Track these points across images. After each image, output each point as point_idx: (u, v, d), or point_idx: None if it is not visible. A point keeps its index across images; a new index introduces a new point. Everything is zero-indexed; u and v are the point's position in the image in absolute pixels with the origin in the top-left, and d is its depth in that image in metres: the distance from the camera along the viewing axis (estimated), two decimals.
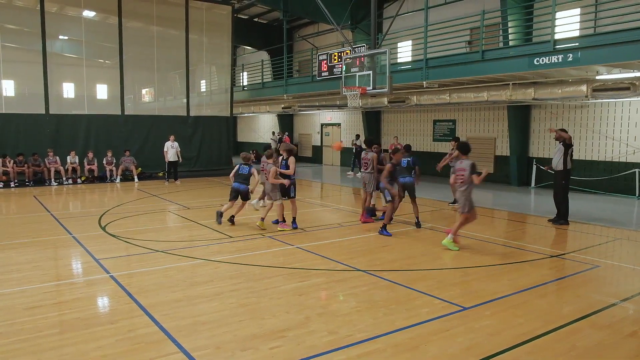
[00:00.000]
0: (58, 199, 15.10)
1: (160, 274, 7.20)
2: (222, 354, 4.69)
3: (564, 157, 10.64)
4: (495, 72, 14.13)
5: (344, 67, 15.31)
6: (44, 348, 4.78)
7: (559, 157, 10.70)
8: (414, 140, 21.81)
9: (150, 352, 4.71)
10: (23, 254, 8.53)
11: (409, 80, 16.37)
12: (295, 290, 6.52)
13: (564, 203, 10.75)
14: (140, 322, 5.41)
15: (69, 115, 19.65)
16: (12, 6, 19.88)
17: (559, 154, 10.72)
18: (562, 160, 10.64)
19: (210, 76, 25.00)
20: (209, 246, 8.93)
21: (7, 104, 18.69)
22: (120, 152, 19.54)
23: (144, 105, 23.84)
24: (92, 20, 21.54)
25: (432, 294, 6.35)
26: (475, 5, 17.66)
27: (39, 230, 10.35)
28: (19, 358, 4.59)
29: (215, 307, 5.88)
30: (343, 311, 5.77)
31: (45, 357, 4.60)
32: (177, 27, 22.07)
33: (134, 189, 17.31)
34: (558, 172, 10.77)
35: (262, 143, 31.18)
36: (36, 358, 4.58)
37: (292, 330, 5.21)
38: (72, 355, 4.63)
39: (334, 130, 27.05)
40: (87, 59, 20.89)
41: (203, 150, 22.52)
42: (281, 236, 9.68)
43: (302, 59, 27.43)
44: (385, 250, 8.70)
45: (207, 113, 23.07)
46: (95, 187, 17.86)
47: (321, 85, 20.33)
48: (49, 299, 6.23)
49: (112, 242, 9.25)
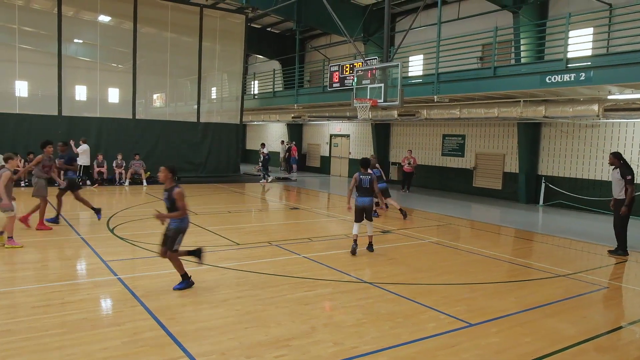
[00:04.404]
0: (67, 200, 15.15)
1: (166, 278, 7.21)
2: None
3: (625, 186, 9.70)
4: (507, 89, 14.14)
5: (355, 78, 15.39)
6: (49, 347, 4.80)
7: (619, 186, 9.75)
8: (423, 154, 21.81)
9: (156, 356, 4.71)
10: (32, 253, 8.59)
11: (420, 94, 16.40)
12: (301, 299, 6.51)
13: (622, 233, 9.92)
14: (146, 325, 5.43)
15: (81, 117, 19.84)
16: (30, 9, 20.17)
17: (618, 182, 9.77)
18: (624, 189, 9.68)
19: (221, 83, 25.17)
20: (215, 252, 8.94)
21: (21, 105, 18.94)
22: (130, 156, 19.67)
23: (154, 110, 24.02)
24: (107, 25, 21.80)
25: (438, 308, 6.32)
26: (487, 22, 17.72)
27: (47, 230, 10.41)
28: (24, 356, 4.61)
29: (221, 314, 5.88)
30: (349, 322, 5.76)
31: (50, 356, 4.62)
32: (190, 34, 22.30)
33: (143, 192, 17.40)
34: (619, 200, 9.80)
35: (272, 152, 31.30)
36: (41, 357, 4.60)
37: (297, 340, 5.20)
38: (77, 356, 4.65)
39: (343, 141, 27.10)
40: (101, 63, 21.15)
41: (211, 156, 22.64)
42: (288, 245, 9.69)
43: (314, 70, 27.58)
44: (391, 263, 8.68)
45: (217, 120, 23.22)
46: (104, 189, 17.95)
47: (332, 96, 20.41)
48: (56, 298, 6.26)
49: (119, 244, 9.29)
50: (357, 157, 25.50)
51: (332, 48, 26.15)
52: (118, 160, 19.37)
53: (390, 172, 23.52)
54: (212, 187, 19.47)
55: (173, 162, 20.75)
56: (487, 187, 19.25)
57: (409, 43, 18.83)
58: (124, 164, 19.44)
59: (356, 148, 25.80)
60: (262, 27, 28.04)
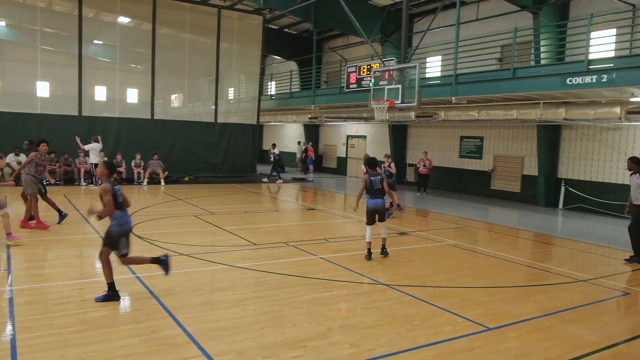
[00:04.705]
0: (87, 199, 15.40)
1: (184, 277, 7.27)
2: None
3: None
4: (526, 91, 13.97)
5: (372, 79, 15.34)
6: (69, 344, 4.87)
7: (638, 192, 9.41)
8: (440, 156, 21.66)
9: (173, 354, 4.75)
10: (53, 250, 8.72)
11: (438, 95, 16.30)
12: (317, 300, 6.50)
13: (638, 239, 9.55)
14: (163, 324, 5.47)
15: (101, 117, 20.11)
16: (51, 11, 20.51)
17: (637, 187, 9.43)
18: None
19: (238, 84, 25.31)
20: (232, 252, 8.99)
21: (42, 105, 19.26)
22: (148, 156, 19.87)
23: (172, 110, 24.25)
24: (127, 26, 22.06)
25: (455, 312, 6.26)
26: (507, 23, 17.54)
27: (68, 228, 10.56)
28: (45, 352, 4.68)
29: (238, 313, 5.90)
30: (365, 324, 5.74)
31: (70, 353, 4.69)
32: (208, 35, 22.46)
33: (160, 192, 17.56)
34: (636, 206, 9.48)
35: (288, 152, 31.38)
36: (62, 353, 4.67)
37: (314, 341, 5.20)
38: (97, 353, 4.70)
39: (359, 142, 27.04)
40: (120, 64, 21.45)
41: (228, 156, 22.78)
42: (304, 246, 9.69)
43: (331, 71, 27.57)
44: (408, 265, 8.63)
45: (234, 120, 23.36)
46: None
47: (349, 97, 20.38)
48: (76, 296, 6.35)
49: (138, 243, 9.37)
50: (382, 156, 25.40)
51: (349, 49, 26.12)
52: (137, 159, 19.59)
53: (406, 173, 23.44)
54: (229, 187, 19.57)
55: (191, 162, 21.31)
56: (506, 189, 19.04)
57: (427, 44, 18.71)
58: (142, 164, 19.65)
59: (373, 149, 25.71)
60: (279, 28, 28.13)
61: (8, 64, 18.74)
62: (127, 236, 6.30)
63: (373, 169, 8.93)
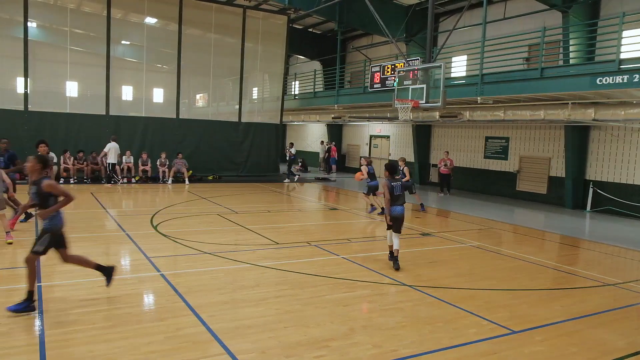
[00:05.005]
0: (113, 197, 15.69)
1: (207, 275, 7.35)
2: (267, 359, 4.72)
3: None
4: (554, 91, 13.71)
5: (396, 79, 15.26)
6: (97, 340, 4.96)
7: None
8: (464, 157, 21.42)
9: (197, 352, 4.80)
10: (80, 248, 8.87)
11: (463, 95, 16.12)
12: (340, 300, 6.50)
13: None
14: (187, 322, 5.53)
15: (127, 116, 20.46)
16: (81, 12, 20.95)
17: None
18: None
19: (262, 84, 25.46)
20: (255, 251, 9.04)
21: (72, 104, 19.71)
22: (173, 155, 20.13)
23: (197, 110, 24.53)
24: (153, 27, 22.39)
25: (479, 314, 6.18)
26: (535, 22, 17.24)
27: (95, 226, 10.78)
28: (73, 348, 4.78)
29: (261, 312, 5.93)
30: (388, 325, 5.71)
31: (98, 348, 4.78)
32: (233, 35, 22.64)
33: (185, 190, 17.77)
34: None
35: (311, 152, 31.43)
36: (90, 349, 4.76)
37: (336, 341, 5.19)
38: (124, 349, 4.78)
39: (383, 142, 26.93)
40: (147, 64, 21.81)
41: (252, 156, 22.93)
42: (327, 246, 9.69)
43: (354, 70, 27.51)
44: (432, 267, 8.56)
45: (258, 120, 23.50)
46: (147, 187, 18.44)
47: (372, 97, 20.31)
48: (103, 292, 6.46)
49: (162, 241, 9.52)
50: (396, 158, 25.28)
51: (373, 48, 26.02)
52: (162, 158, 19.86)
53: (430, 174, 23.26)
54: (252, 187, 19.70)
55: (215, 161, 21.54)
56: (532, 191, 18.71)
57: (453, 43, 18.51)
58: (167, 163, 19.92)
59: (396, 149, 25.57)
60: (303, 28, 28.19)
61: (39, 64, 19.18)
62: (55, 234, 5.94)
63: (393, 175, 8.42)
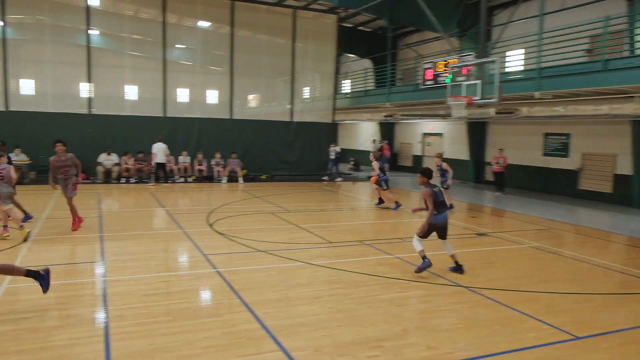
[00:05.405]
0: (170, 196, 16.20)
1: (262, 273, 7.45)
2: (320, 357, 4.74)
3: None
4: (619, 84, 12.99)
5: (449, 76, 14.95)
6: (157, 333, 5.14)
7: None
8: (521, 155, 20.69)
9: (252, 348, 4.88)
10: (140, 244, 9.25)
11: (520, 90, 15.56)
12: (393, 300, 6.43)
13: None
14: (242, 318, 5.64)
15: (183, 118, 21.11)
16: (138, 18, 21.78)
17: None
18: None
19: (313, 83, 25.59)
20: (308, 250, 9.10)
21: (132, 107, 20.56)
22: (227, 155, 20.58)
23: (250, 110, 24.94)
24: (206, 30, 22.99)
25: (540, 318, 5.95)
26: (596, 11, 16.41)
27: (153, 224, 11.17)
28: (135, 340, 4.98)
29: (314, 310, 5.96)
30: (443, 327, 5.60)
31: (158, 341, 4.95)
32: (283, 36, 22.89)
33: (239, 189, 18.13)
34: None
35: (363, 150, 31.32)
36: (150, 341, 4.94)
37: (390, 341, 5.14)
38: (182, 343, 4.93)
39: (435, 140, 26.46)
40: (201, 66, 22.42)
41: (304, 155, 23.10)
42: (380, 245, 9.61)
43: (406, 67, 27.18)
44: (489, 268, 8.32)
45: (309, 119, 23.63)
46: (203, 186, 18.95)
47: (424, 94, 19.97)
48: (162, 288, 6.69)
49: (218, 239, 9.74)
50: (450, 156, 24.79)
51: (424, 45, 25.60)
52: (217, 158, 20.35)
53: (485, 172, 22.65)
54: (305, 185, 19.85)
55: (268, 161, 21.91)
56: (595, 189, 17.84)
57: (508, 37, 17.93)
58: (222, 162, 20.38)
59: (450, 147, 25.06)
60: (353, 26, 28.10)
61: (100, 69, 20.09)
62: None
63: (429, 180, 7.75)
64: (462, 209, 15.13)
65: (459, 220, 12.93)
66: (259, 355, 4.75)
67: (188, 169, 20.07)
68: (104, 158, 18.91)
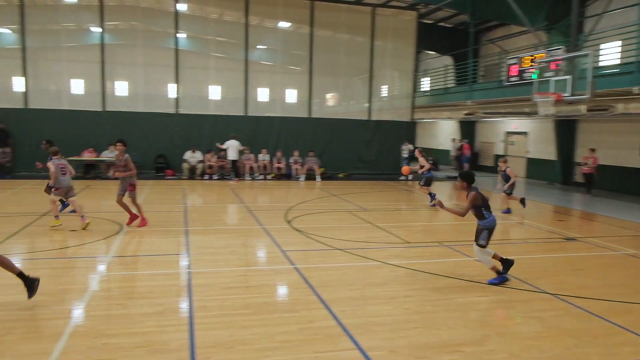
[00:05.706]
0: (250, 192, 16.71)
1: (338, 271, 7.50)
2: (396, 358, 4.69)
3: None
4: None
5: (536, 71, 14.23)
6: (237, 325, 5.32)
7: None
8: (615, 155, 19.25)
9: (329, 345, 4.93)
10: (221, 239, 9.63)
11: (615, 85, 14.48)
12: (472, 304, 6.23)
13: None
14: (319, 315, 5.70)
15: (263, 117, 21.69)
16: (222, 21, 22.68)
17: None
18: None
19: (392, 81, 25.32)
20: (385, 249, 9.03)
21: (216, 107, 21.44)
22: (305, 153, 20.89)
23: (328, 109, 25.15)
24: (286, 31, 23.44)
25: (636, 331, 5.52)
26: None
27: (234, 219, 11.57)
28: (217, 330, 5.19)
29: (390, 310, 5.91)
30: (526, 334, 5.35)
31: (238, 333, 5.12)
32: (362, 34, 22.84)
33: (316, 187, 18.35)
34: None
35: (442, 149, 30.60)
36: (231, 333, 5.12)
37: (469, 346, 4.99)
38: (261, 336, 5.07)
39: (519, 139, 25.29)
40: (281, 66, 22.93)
41: (382, 154, 22.93)
42: (459, 247, 9.34)
43: (488, 64, 26.19)
44: (577, 274, 7.84)
45: (388, 118, 23.42)
46: (282, 183, 19.37)
47: (508, 91, 19.14)
48: (242, 281, 6.92)
49: (296, 236, 9.92)
50: (536, 156, 23.60)
51: (508, 40, 24.52)
52: (295, 156, 20.72)
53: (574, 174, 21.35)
54: (382, 184, 19.72)
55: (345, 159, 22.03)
56: None
57: (602, 28, 16.76)
58: (300, 161, 20.73)
59: (535, 146, 23.86)
60: (433, 23, 27.49)
61: (186, 71, 21.12)
62: None
63: (472, 183, 7.49)
64: (548, 211, 14.38)
65: (544, 223, 12.29)
66: (336, 353, 4.78)
67: (267, 167, 20.60)
68: (189, 155, 19.87)
